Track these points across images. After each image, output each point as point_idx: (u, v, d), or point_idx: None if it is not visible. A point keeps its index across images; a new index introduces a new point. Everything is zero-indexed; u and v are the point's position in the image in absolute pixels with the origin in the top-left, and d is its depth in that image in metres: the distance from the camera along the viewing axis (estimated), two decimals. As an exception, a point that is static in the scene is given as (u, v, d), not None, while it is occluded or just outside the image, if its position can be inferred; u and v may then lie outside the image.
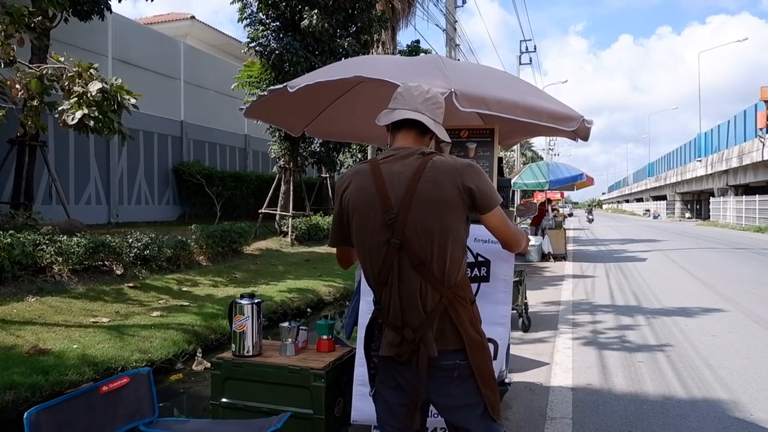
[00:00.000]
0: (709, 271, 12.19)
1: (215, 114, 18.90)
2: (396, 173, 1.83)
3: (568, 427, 3.59)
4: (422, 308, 1.81)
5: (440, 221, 1.80)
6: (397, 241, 1.80)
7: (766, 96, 29.31)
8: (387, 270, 1.83)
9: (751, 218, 32.38)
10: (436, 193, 1.80)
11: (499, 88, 2.47)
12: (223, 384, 2.72)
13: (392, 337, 1.85)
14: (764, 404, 4.04)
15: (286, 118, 3.05)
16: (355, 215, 1.88)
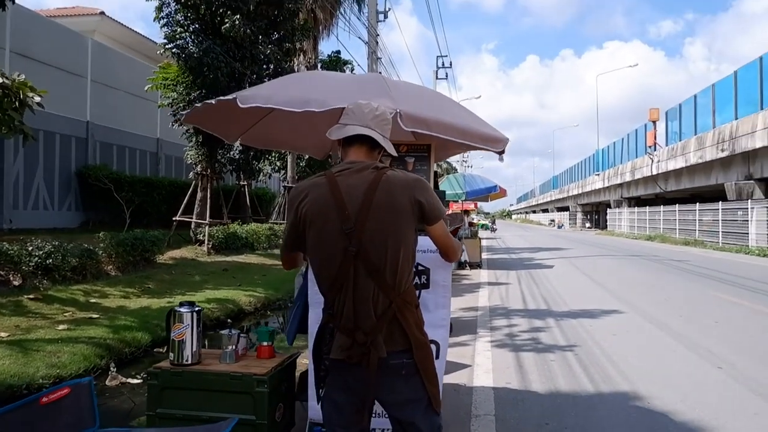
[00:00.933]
0: (608, 277, 13.18)
1: (125, 115, 17.99)
2: (352, 185, 1.94)
3: (491, 423, 3.81)
4: (374, 312, 1.92)
5: (394, 231, 1.93)
6: (354, 249, 1.90)
7: (653, 117, 32.14)
8: (342, 276, 1.92)
9: (642, 228, 35.27)
10: (390, 205, 1.92)
11: (437, 109, 2.64)
12: (160, 394, 2.66)
13: (344, 340, 1.94)
14: (659, 394, 4.48)
15: (224, 126, 3.04)
16: (312, 225, 1.96)
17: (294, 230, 2.04)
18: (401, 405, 2.01)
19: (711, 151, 23.31)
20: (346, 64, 26.18)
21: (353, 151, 2.05)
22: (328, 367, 2.00)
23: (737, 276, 13.12)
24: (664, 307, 8.75)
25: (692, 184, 27.51)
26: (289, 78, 2.98)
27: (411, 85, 3.07)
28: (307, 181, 2.06)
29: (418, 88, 3.08)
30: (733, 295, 9.94)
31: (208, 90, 13.47)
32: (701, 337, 6.53)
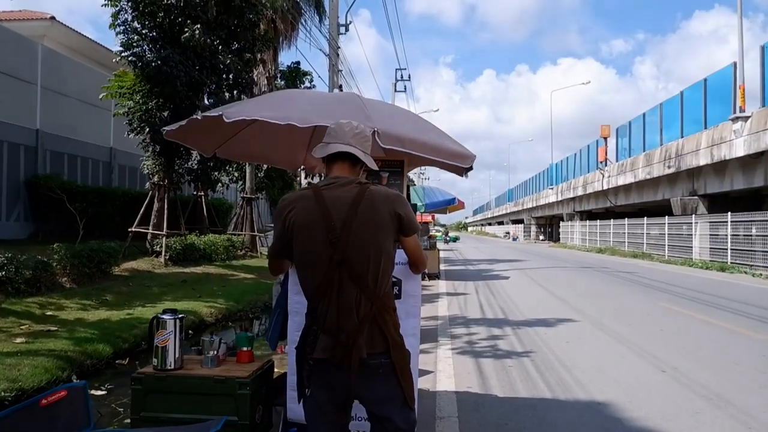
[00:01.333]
0: (561, 287, 13.64)
1: (77, 124, 17.53)
2: (337, 198, 2.09)
3: (455, 424, 3.97)
4: (356, 316, 2.07)
5: (376, 241, 2.09)
6: (339, 257, 2.05)
7: (604, 133, 33.44)
8: (327, 283, 2.07)
9: (593, 240, 36.49)
10: (373, 217, 2.09)
11: (410, 127, 2.80)
12: (144, 398, 2.72)
13: (327, 341, 2.07)
14: (609, 396, 4.74)
15: (202, 139, 3.12)
16: (299, 234, 2.10)
17: (281, 239, 2.17)
18: (379, 402, 2.15)
19: (658, 168, 24.44)
20: (306, 75, 26.26)
21: (337, 167, 2.20)
22: (312, 366, 2.12)
23: (682, 287, 13.82)
24: (614, 315, 9.16)
25: (641, 199, 28.72)
26: (272, 96, 3.09)
27: (385, 104, 3.23)
28: (295, 193, 2.22)
29: (391, 107, 3.25)
30: (678, 305, 10.48)
31: (166, 99, 13.35)
32: (648, 344, 6.90)
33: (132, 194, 17.56)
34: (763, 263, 17.94)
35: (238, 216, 21.16)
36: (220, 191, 23.10)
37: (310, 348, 2.11)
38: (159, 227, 14.40)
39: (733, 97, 18.70)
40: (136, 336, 7.15)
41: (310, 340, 2.12)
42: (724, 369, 5.67)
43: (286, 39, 20.22)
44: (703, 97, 21.25)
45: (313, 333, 2.11)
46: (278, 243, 2.20)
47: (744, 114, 17.62)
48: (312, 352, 2.09)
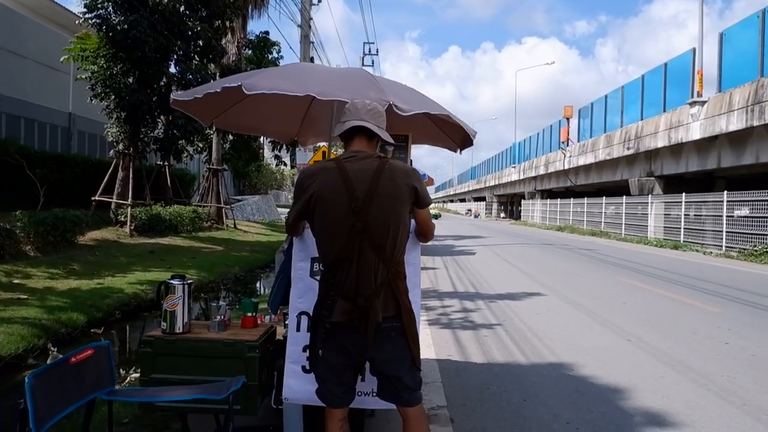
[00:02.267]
0: (527, 263, 14.07)
1: (34, 87, 16.84)
2: (359, 171, 2.21)
3: (439, 389, 4.14)
4: (374, 281, 2.20)
5: (395, 212, 2.22)
6: (361, 226, 2.17)
7: (567, 114, 34.11)
8: (348, 250, 2.18)
9: (553, 219, 37.47)
10: (392, 189, 2.22)
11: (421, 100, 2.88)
12: (153, 360, 2.77)
13: (345, 305, 2.19)
14: (581, 362, 5.02)
15: (203, 109, 3.11)
16: (322, 203, 2.20)
17: (303, 208, 2.27)
18: (389, 362, 2.28)
19: (618, 149, 25.17)
20: (274, 46, 25.78)
21: (355, 143, 2.33)
22: (328, 330, 2.22)
23: (639, 264, 14.44)
24: (578, 290, 9.55)
25: (600, 179, 29.55)
26: (286, 68, 3.09)
27: (391, 81, 3.28)
28: (317, 165, 2.31)
29: (398, 83, 3.30)
30: (636, 280, 10.98)
31: (133, 65, 12.94)
32: (612, 316, 7.26)
33: (92, 162, 17.03)
34: (713, 242, 18.86)
35: (204, 187, 20.80)
36: (184, 162, 22.64)
37: (327, 312, 2.21)
38: (124, 197, 14.09)
39: (692, 82, 19.35)
40: (109, 305, 7.10)
41: (327, 304, 2.22)
42: (683, 338, 6.05)
43: (256, 7, 19.74)
44: (663, 81, 21.89)
45: (330, 298, 2.22)
46: (300, 210, 2.29)
47: (701, 99, 18.27)
48: (329, 315, 2.20)
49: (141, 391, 2.33)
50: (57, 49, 15.18)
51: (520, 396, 4.16)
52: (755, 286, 10.37)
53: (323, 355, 2.28)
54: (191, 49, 14.04)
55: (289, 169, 41.78)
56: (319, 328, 2.26)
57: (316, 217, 2.24)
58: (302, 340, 2.74)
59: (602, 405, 4.00)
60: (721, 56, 17.85)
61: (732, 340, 5.97)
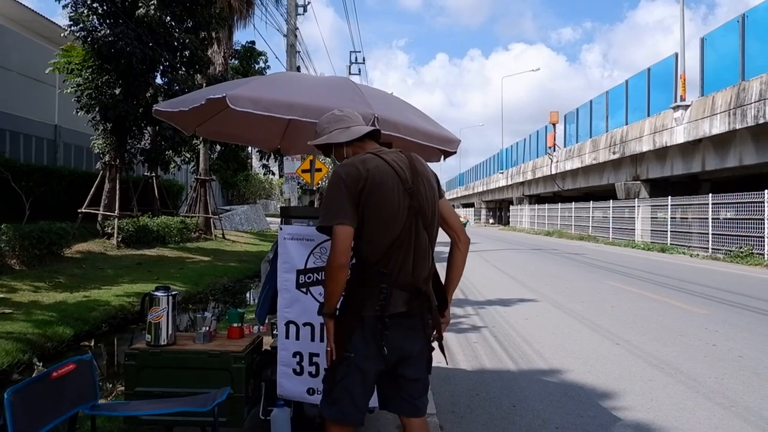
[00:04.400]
0: (515, 268, 14.11)
1: (19, 99, 16.71)
2: (396, 159, 2.24)
3: (429, 396, 4.12)
4: (429, 263, 2.24)
5: (433, 193, 2.29)
6: (416, 205, 2.18)
7: (553, 120, 34.41)
8: (406, 231, 2.16)
9: (542, 224, 37.67)
10: (428, 174, 2.30)
11: (402, 113, 2.89)
12: (138, 373, 2.73)
13: (403, 295, 2.14)
14: (570, 366, 5.04)
15: (185, 118, 3.10)
16: (377, 189, 2.14)
17: (351, 200, 2.13)
18: (418, 361, 2.22)
19: (604, 153, 25.40)
20: (260, 56, 25.81)
21: (368, 143, 2.34)
22: (387, 324, 2.10)
23: (627, 267, 14.54)
24: (567, 294, 9.59)
25: (587, 183, 29.80)
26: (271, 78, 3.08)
27: (376, 90, 3.29)
28: (356, 158, 2.22)
29: (383, 93, 3.30)
30: (624, 284, 11.06)
31: (119, 76, 12.88)
32: (601, 319, 7.29)
33: (79, 174, 16.91)
34: (699, 244, 19.04)
35: (192, 198, 20.69)
36: (172, 172, 22.52)
37: (378, 307, 2.10)
38: (110, 208, 13.98)
39: (675, 87, 19.62)
40: (96, 318, 7.03)
41: (381, 298, 2.11)
42: (671, 341, 6.09)
43: (241, 18, 19.76)
44: (647, 86, 22.17)
45: (383, 291, 2.11)
46: (347, 205, 2.12)
47: (684, 103, 18.52)
48: (385, 309, 2.10)
49: (125, 405, 2.30)
50: (42, 62, 15.09)
51: (509, 402, 4.16)
52: (741, 288, 10.48)
53: (354, 364, 2.12)
54: (177, 59, 14.00)
55: (278, 179, 41.65)
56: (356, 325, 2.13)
57: (369, 205, 2.13)
58: (292, 346, 2.81)
59: (591, 409, 4.01)
60: (703, 61, 18.12)
61: (719, 342, 6.02)
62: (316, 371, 2.83)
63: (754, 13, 15.66)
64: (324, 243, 2.86)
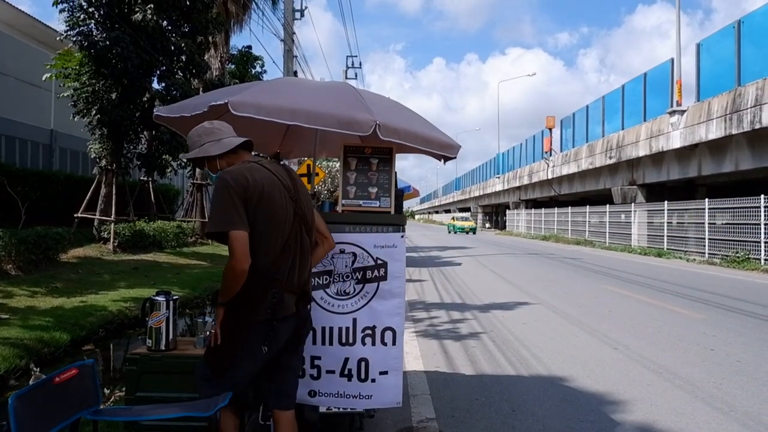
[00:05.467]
0: (512, 273, 14.12)
1: (15, 104, 16.65)
2: (277, 169, 2.43)
3: (428, 400, 4.13)
4: (310, 266, 2.48)
5: (309, 201, 2.52)
6: (300, 211, 2.40)
7: (549, 124, 34.48)
8: (293, 237, 2.35)
9: (538, 228, 37.72)
10: (302, 184, 2.51)
11: (403, 119, 2.89)
12: (139, 378, 2.73)
13: (290, 298, 2.33)
14: (568, 371, 5.04)
15: (185, 122, 3.09)
16: (266, 197, 2.28)
17: (242, 207, 2.21)
18: (299, 353, 2.54)
19: (600, 158, 25.49)
20: (257, 60, 25.82)
21: (242, 154, 2.47)
22: (276, 326, 2.29)
23: (624, 272, 14.57)
24: (564, 299, 9.60)
25: (583, 188, 29.87)
26: (272, 84, 3.07)
27: (375, 95, 3.29)
28: (240, 167, 2.31)
29: (383, 98, 3.30)
30: (621, 288, 11.08)
31: (115, 80, 12.87)
32: (598, 324, 7.30)
33: (75, 178, 16.87)
34: (696, 249, 19.10)
35: (188, 202, 20.66)
36: (168, 177, 22.49)
37: (270, 310, 2.26)
38: (107, 213, 13.93)
39: (671, 92, 19.71)
40: (93, 324, 6.99)
41: (273, 303, 2.26)
42: (668, 345, 6.09)
43: (237, 22, 19.77)
44: (643, 91, 22.27)
45: (274, 295, 2.27)
46: (237, 211, 2.19)
47: (680, 108, 18.62)
48: (277, 312, 2.27)
49: (126, 410, 2.29)
50: (38, 66, 15.05)
51: (508, 407, 4.15)
52: (738, 293, 10.51)
53: (250, 353, 2.28)
54: (174, 64, 14.00)
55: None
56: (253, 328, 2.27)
57: (258, 213, 2.24)
58: None
59: (591, 414, 4.01)
60: (699, 66, 18.22)
61: (717, 347, 6.04)
62: (317, 374, 2.84)
63: (749, 19, 15.77)
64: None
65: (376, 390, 2.88)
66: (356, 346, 2.87)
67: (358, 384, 2.86)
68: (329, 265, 2.88)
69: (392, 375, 2.90)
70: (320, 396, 2.87)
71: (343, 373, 2.86)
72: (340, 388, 2.86)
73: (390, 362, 2.90)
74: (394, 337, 2.92)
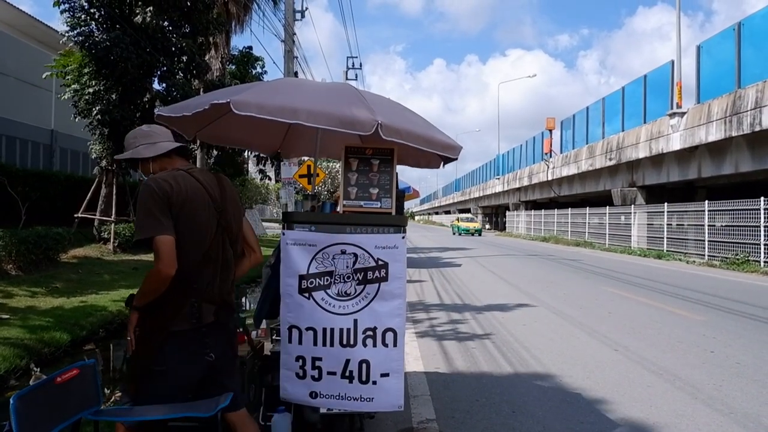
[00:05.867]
0: (512, 274, 14.13)
1: (16, 104, 16.68)
2: (207, 179, 2.42)
3: (428, 401, 4.14)
4: (232, 275, 2.47)
5: (239, 213, 2.53)
6: (224, 222, 2.39)
7: (550, 126, 34.48)
8: (215, 248, 2.35)
9: (538, 230, 37.73)
10: (234, 194, 2.53)
11: (405, 119, 2.89)
12: None
13: (209, 308, 2.32)
14: (568, 372, 5.04)
15: (187, 122, 3.10)
16: (188, 205, 2.27)
17: (166, 212, 2.21)
18: (231, 361, 2.51)
19: (600, 160, 25.50)
20: (258, 61, 25.81)
21: (176, 160, 2.48)
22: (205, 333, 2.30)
23: (624, 273, 14.58)
24: (564, 300, 9.60)
25: (583, 189, 29.88)
26: (274, 84, 3.08)
27: (377, 96, 3.29)
28: (166, 174, 2.32)
29: (382, 98, 3.31)
30: (621, 290, 11.08)
31: (116, 81, 12.88)
32: (598, 325, 7.31)
33: (75, 179, 16.88)
34: (695, 251, 19.11)
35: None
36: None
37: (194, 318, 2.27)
38: (107, 213, 13.94)
39: (671, 94, 19.72)
40: (93, 324, 6.99)
41: (192, 312, 2.26)
42: (669, 347, 6.10)
43: (239, 23, 19.80)
44: (643, 93, 22.28)
45: (192, 305, 2.26)
46: (161, 217, 2.19)
47: (681, 110, 18.63)
48: (197, 320, 2.28)
49: (128, 411, 2.29)
50: (39, 67, 15.07)
51: (509, 408, 4.16)
52: (738, 295, 10.52)
53: (171, 369, 2.24)
54: (175, 65, 14.01)
55: (274, 184, 41.64)
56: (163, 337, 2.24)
57: (183, 218, 2.24)
58: (294, 350, 2.85)
59: (591, 415, 4.02)
60: (699, 68, 18.24)
61: (717, 349, 6.04)
62: (318, 375, 2.84)
63: (750, 21, 15.79)
64: (326, 248, 2.87)
65: (378, 393, 2.86)
66: (357, 348, 2.86)
67: (359, 386, 2.84)
68: (330, 266, 2.87)
69: (393, 377, 2.89)
70: (321, 397, 2.86)
71: (344, 375, 2.84)
72: (341, 390, 2.85)
73: (391, 364, 2.89)
74: (395, 339, 2.91)
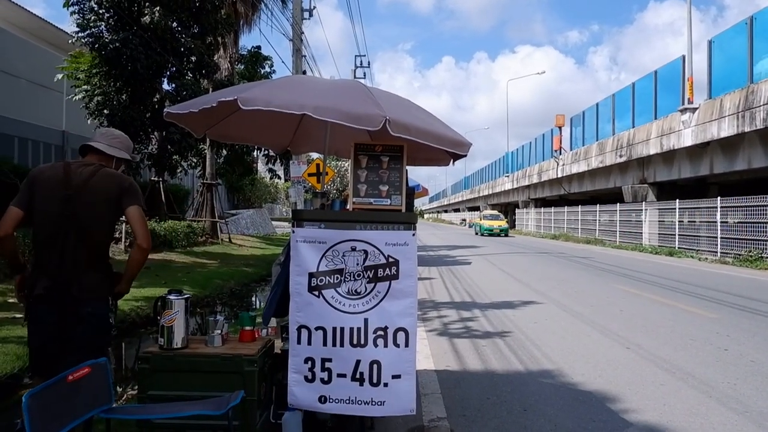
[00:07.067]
0: (522, 272, 14.06)
1: (27, 106, 16.80)
2: (79, 171, 2.78)
3: (439, 400, 4.12)
4: (79, 258, 2.71)
5: (104, 203, 2.78)
6: (71, 210, 2.68)
7: (559, 123, 34.28)
8: (60, 233, 2.68)
9: (548, 227, 37.54)
10: (107, 187, 2.78)
11: (414, 116, 2.88)
12: (151, 377, 2.74)
13: (45, 282, 2.66)
14: (580, 370, 5.01)
15: (196, 120, 3.11)
16: (38, 193, 2.72)
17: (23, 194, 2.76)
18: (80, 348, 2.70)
19: (610, 157, 25.31)
20: (266, 60, 25.87)
21: (88, 156, 2.94)
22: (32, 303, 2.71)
23: (635, 271, 14.47)
24: (575, 298, 9.54)
25: (593, 186, 29.68)
26: (281, 81, 3.08)
27: (386, 93, 3.28)
28: (47, 165, 2.86)
29: (393, 95, 3.30)
30: (632, 288, 10.99)
31: (125, 82, 12.96)
32: (610, 323, 7.25)
33: (87, 179, 16.99)
34: (708, 248, 18.92)
35: (198, 202, 20.76)
36: (179, 177, 22.61)
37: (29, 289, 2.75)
38: (118, 213, 14.02)
39: (682, 89, 19.53)
40: (105, 323, 7.02)
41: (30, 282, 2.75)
42: (682, 345, 6.04)
43: (246, 22, 19.83)
44: (654, 89, 22.07)
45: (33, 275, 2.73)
46: (18, 198, 2.75)
47: (692, 106, 18.44)
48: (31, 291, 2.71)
49: (139, 409, 2.30)
50: (49, 68, 15.18)
51: (520, 406, 4.13)
52: (751, 292, 10.40)
53: (30, 328, 2.76)
54: (184, 65, 14.07)
55: (283, 183, 41.74)
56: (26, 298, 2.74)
57: (33, 203, 2.71)
58: (303, 351, 2.79)
59: (603, 414, 3.98)
60: (710, 63, 18.03)
61: (731, 347, 5.97)
62: (328, 377, 2.79)
63: (762, 15, 15.58)
64: (336, 245, 2.85)
65: (389, 395, 2.79)
66: (368, 348, 2.81)
67: (370, 389, 2.79)
68: (340, 264, 2.84)
69: (405, 379, 2.83)
70: (331, 402, 2.79)
71: (355, 377, 2.78)
72: (351, 393, 2.79)
73: (403, 365, 2.83)
74: (407, 339, 2.87)
